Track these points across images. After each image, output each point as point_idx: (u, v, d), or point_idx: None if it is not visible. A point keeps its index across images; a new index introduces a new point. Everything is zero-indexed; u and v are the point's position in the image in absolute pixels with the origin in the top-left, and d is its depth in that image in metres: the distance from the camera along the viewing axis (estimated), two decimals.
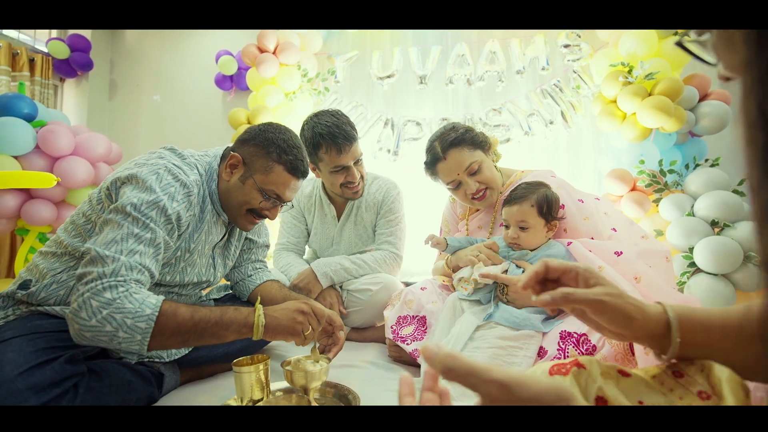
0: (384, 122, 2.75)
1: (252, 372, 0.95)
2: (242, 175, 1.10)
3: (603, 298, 0.55)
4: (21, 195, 2.22)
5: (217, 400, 1.06)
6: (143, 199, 0.92)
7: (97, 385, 0.88)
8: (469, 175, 1.37)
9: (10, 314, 0.96)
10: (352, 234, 1.74)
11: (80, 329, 0.81)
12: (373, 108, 2.83)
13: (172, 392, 1.11)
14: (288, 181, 1.11)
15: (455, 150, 1.37)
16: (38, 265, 1.01)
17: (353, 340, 1.53)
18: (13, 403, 0.74)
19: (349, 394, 1.02)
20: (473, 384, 0.36)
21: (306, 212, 1.81)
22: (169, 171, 0.99)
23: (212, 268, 1.20)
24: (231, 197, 1.11)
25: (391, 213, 1.70)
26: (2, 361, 0.79)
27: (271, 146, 1.09)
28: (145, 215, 0.91)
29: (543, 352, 1.05)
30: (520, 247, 1.21)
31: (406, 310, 1.36)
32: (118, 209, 0.91)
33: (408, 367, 1.28)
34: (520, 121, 2.60)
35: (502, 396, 0.35)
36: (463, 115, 2.71)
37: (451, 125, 1.44)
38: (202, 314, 0.89)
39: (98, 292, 0.82)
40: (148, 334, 0.83)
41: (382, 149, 2.71)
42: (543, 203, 1.19)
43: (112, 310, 0.81)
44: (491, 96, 2.73)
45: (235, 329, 0.93)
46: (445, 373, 0.38)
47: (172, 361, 1.12)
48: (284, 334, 0.97)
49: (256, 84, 2.69)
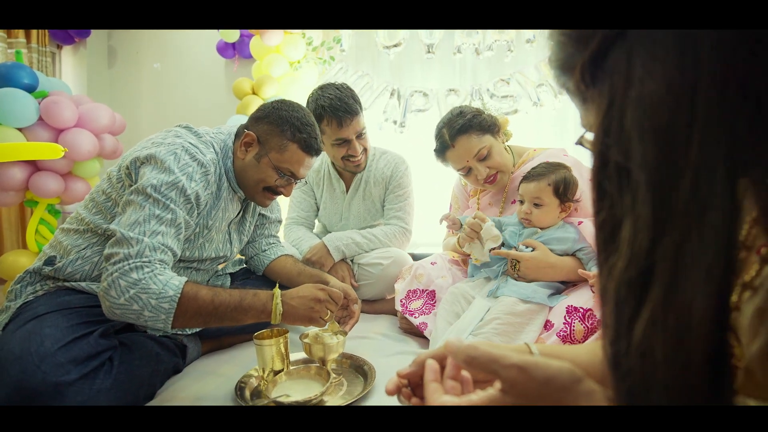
0: (390, 93, 2.70)
1: (273, 344, 1.00)
2: (257, 153, 1.12)
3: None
4: (28, 167, 2.21)
5: (239, 369, 1.11)
6: (163, 180, 0.94)
7: (129, 357, 0.92)
8: (478, 161, 1.36)
9: (38, 289, 0.99)
10: (361, 208, 1.76)
11: (111, 306, 0.86)
12: (379, 78, 2.77)
13: (195, 362, 1.17)
14: (302, 159, 1.13)
15: (464, 137, 1.35)
16: (62, 242, 1.04)
17: (364, 312, 1.58)
18: (57, 375, 0.78)
19: (364, 365, 1.08)
20: (494, 370, 0.39)
21: (315, 186, 1.82)
22: (187, 150, 1.01)
23: (228, 244, 1.23)
24: (247, 175, 1.13)
25: (399, 188, 1.71)
26: (42, 336, 0.83)
27: (285, 124, 1.11)
28: (165, 196, 0.94)
29: (549, 325, 1.09)
30: (531, 223, 1.23)
31: (416, 284, 1.40)
32: (139, 190, 0.93)
33: (418, 339, 1.34)
34: (528, 92, 2.56)
35: (521, 378, 0.38)
36: (470, 86, 2.66)
37: (459, 110, 1.41)
38: (222, 299, 0.94)
39: (125, 272, 0.86)
40: (171, 314, 0.88)
41: (388, 120, 2.68)
42: (560, 184, 1.20)
43: (138, 290, 0.86)
44: (500, 66, 2.67)
45: (253, 315, 0.98)
46: (468, 362, 0.41)
47: (193, 333, 1.17)
48: (302, 321, 1.02)
49: (260, 52, 2.63)
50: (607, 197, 0.33)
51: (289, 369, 1.02)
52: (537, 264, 1.16)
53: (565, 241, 1.19)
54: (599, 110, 0.33)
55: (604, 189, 0.33)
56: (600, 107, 0.33)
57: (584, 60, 0.34)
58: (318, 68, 2.71)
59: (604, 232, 0.33)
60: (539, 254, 1.17)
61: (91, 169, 2.38)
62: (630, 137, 0.30)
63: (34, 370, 0.78)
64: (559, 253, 1.19)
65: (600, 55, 0.33)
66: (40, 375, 0.78)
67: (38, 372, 0.78)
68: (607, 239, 0.33)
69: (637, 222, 0.30)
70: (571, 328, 1.04)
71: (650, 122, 0.29)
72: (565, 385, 0.37)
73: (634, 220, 0.30)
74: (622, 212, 0.31)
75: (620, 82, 0.31)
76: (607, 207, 0.33)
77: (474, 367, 0.41)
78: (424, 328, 1.29)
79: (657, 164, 0.29)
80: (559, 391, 0.37)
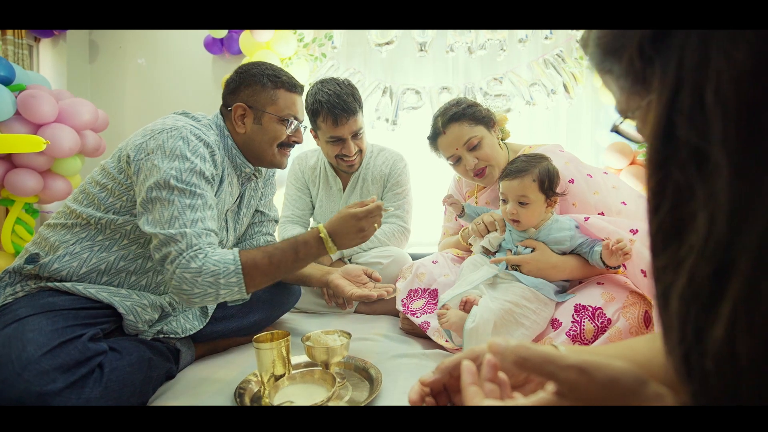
0: (382, 90, 2.67)
1: (273, 348, 0.95)
2: (255, 117, 1.12)
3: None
4: (3, 164, 2.11)
5: (236, 374, 1.05)
6: (181, 168, 0.94)
7: (120, 363, 0.86)
8: (468, 150, 1.34)
9: (18, 290, 0.93)
10: None
11: (189, 299, 0.91)
12: (371, 75, 2.74)
13: (189, 367, 1.11)
14: (295, 99, 1.16)
15: (455, 124, 1.34)
16: (48, 237, 0.98)
17: (363, 313, 1.54)
18: (41, 384, 0.72)
19: (370, 368, 1.03)
20: (550, 372, 0.35)
21: (310, 184, 1.77)
22: (193, 133, 1.00)
23: (225, 231, 1.21)
24: (255, 143, 1.14)
25: (398, 186, 1.68)
26: (24, 341, 0.76)
27: (262, 78, 1.12)
28: (189, 183, 0.94)
29: (557, 323, 1.07)
30: (520, 224, 1.18)
31: (418, 283, 1.37)
32: (161, 185, 0.92)
33: (420, 340, 1.30)
34: (521, 91, 2.55)
35: (581, 380, 0.34)
36: (463, 84, 2.65)
37: (456, 100, 1.41)
38: (279, 258, 0.98)
39: (185, 266, 0.89)
40: (243, 284, 0.93)
41: (380, 118, 2.65)
42: (545, 178, 1.14)
43: (205, 276, 0.90)
44: (492, 65, 2.66)
45: (311, 260, 1.04)
46: (519, 363, 0.37)
47: (187, 336, 1.11)
48: (357, 242, 1.05)
49: (249, 48, 2.56)
50: (672, 187, 0.29)
51: (292, 373, 0.97)
52: (538, 266, 1.13)
53: (562, 241, 1.16)
54: (664, 89, 0.30)
55: (669, 178, 0.30)
56: (665, 86, 0.30)
57: (642, 36, 0.32)
58: (309, 65, 2.65)
59: (666, 227, 0.30)
60: (539, 255, 1.14)
61: (71, 167, 2.27)
62: (710, 116, 0.27)
63: (15, 378, 0.72)
64: (560, 252, 1.17)
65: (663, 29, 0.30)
66: (22, 384, 0.72)
67: (20, 381, 0.72)
68: (670, 234, 0.30)
69: (715, 211, 0.27)
70: (581, 327, 1.02)
71: (736, 97, 0.26)
72: (630, 388, 0.33)
73: (711, 210, 0.27)
74: (694, 202, 0.28)
75: (694, 55, 0.28)
76: (672, 198, 0.30)
77: (525, 369, 0.37)
78: (426, 327, 1.26)
79: (742, 144, 0.26)
80: (623, 395, 0.33)
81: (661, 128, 0.30)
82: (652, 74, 0.32)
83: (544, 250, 1.15)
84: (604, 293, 1.07)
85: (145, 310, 0.99)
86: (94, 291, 0.93)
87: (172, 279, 0.89)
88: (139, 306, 0.98)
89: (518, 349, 0.37)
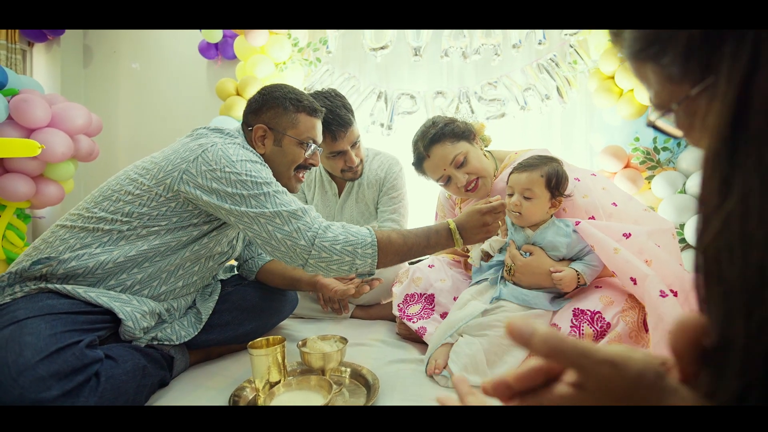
0: (377, 95, 2.68)
1: (269, 354, 0.94)
2: (275, 139, 1.15)
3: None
4: None
5: (230, 382, 1.04)
6: (240, 172, 0.99)
7: (115, 372, 0.84)
8: (456, 168, 1.33)
9: (17, 291, 0.91)
10: (354, 211, 1.72)
11: (328, 266, 0.97)
12: (366, 80, 2.74)
13: (183, 374, 1.09)
14: (315, 123, 1.19)
15: (437, 146, 1.33)
16: (66, 239, 0.98)
17: (359, 318, 1.53)
18: (36, 391, 0.70)
19: (368, 374, 1.03)
20: (584, 365, 0.32)
21: (306, 189, 1.76)
22: (231, 144, 1.05)
23: (235, 240, 1.22)
24: (275, 164, 1.15)
25: (393, 190, 1.67)
26: (21, 345, 0.74)
27: (284, 102, 1.15)
28: (254, 180, 1.00)
29: (556, 329, 1.07)
30: (521, 216, 1.18)
31: (414, 288, 1.36)
32: (238, 196, 0.98)
33: (417, 345, 1.29)
34: (515, 96, 2.57)
35: (613, 375, 0.32)
36: (458, 89, 2.66)
37: (431, 121, 1.40)
38: (412, 242, 1.03)
39: (321, 235, 0.96)
40: (376, 257, 0.98)
41: (375, 123, 2.65)
42: (553, 176, 1.17)
43: (343, 244, 0.96)
44: (487, 70, 2.68)
45: (439, 249, 1.08)
46: (549, 354, 0.33)
47: (181, 343, 1.09)
48: (482, 238, 1.08)
49: (244, 53, 2.56)
50: (740, 184, 0.27)
51: (287, 380, 0.96)
52: (532, 270, 1.13)
53: (558, 247, 1.15)
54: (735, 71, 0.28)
55: (738, 172, 0.27)
56: (737, 67, 0.28)
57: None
58: (304, 70, 2.66)
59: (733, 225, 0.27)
60: (534, 260, 1.14)
61: (65, 172, 2.25)
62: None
63: (10, 384, 0.70)
64: (557, 259, 1.16)
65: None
66: (17, 390, 0.70)
67: (15, 387, 0.70)
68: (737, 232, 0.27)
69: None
70: (579, 332, 1.01)
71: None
72: (651, 381, 0.31)
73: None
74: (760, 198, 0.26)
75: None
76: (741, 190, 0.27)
77: (557, 360, 0.33)
78: (423, 332, 1.25)
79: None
80: (647, 390, 0.31)
81: (732, 107, 0.28)
82: (719, 58, 0.29)
83: (540, 255, 1.15)
84: (603, 297, 1.07)
85: (144, 317, 0.98)
86: (94, 295, 0.92)
87: (310, 249, 0.95)
88: (139, 312, 0.97)
89: (550, 339, 0.33)
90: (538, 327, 0.33)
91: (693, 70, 0.32)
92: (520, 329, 0.33)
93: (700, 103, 0.33)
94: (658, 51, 0.34)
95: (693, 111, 0.34)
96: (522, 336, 0.33)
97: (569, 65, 2.52)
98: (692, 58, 0.32)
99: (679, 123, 0.36)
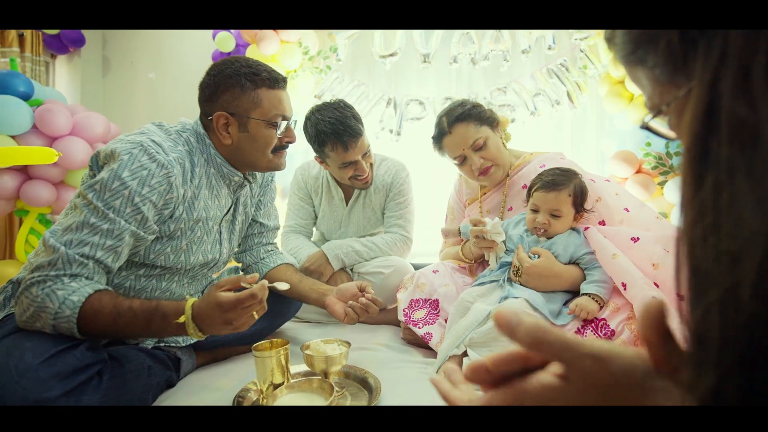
0: (386, 102, 2.70)
1: (273, 356, 0.95)
2: (239, 125, 1.03)
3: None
4: (20, 175, 2.17)
5: (236, 383, 1.06)
6: (109, 186, 0.87)
7: (119, 371, 0.87)
8: (474, 151, 1.36)
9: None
10: (361, 216, 1.73)
11: (19, 323, 0.85)
12: (375, 87, 2.77)
13: (190, 375, 1.12)
14: (279, 95, 1.05)
15: (461, 125, 1.36)
16: None
17: (365, 323, 1.55)
18: (38, 391, 0.73)
19: (369, 377, 1.04)
20: (567, 358, 0.33)
21: (313, 194, 1.79)
22: (145, 150, 0.91)
23: (218, 245, 1.15)
24: (246, 152, 1.05)
25: (400, 195, 1.69)
26: (23, 350, 0.78)
27: (239, 79, 1.00)
28: (106, 204, 0.87)
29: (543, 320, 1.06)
30: (546, 233, 1.19)
31: (419, 293, 1.37)
32: (82, 194, 0.88)
33: (422, 350, 1.30)
34: (525, 101, 2.56)
35: (596, 368, 0.32)
36: (467, 95, 2.66)
37: (460, 101, 1.43)
38: (127, 320, 0.85)
39: (28, 287, 0.83)
40: (75, 331, 0.83)
41: (385, 129, 2.67)
42: (579, 193, 1.18)
43: (36, 308, 0.82)
44: (496, 75, 2.68)
45: (165, 335, 0.97)
46: (533, 345, 0.33)
47: (188, 345, 1.12)
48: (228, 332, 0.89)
49: None
50: (712, 167, 0.27)
51: (290, 382, 0.98)
52: (540, 272, 1.13)
53: (568, 247, 1.16)
54: (707, 68, 0.29)
55: (709, 156, 0.28)
56: (709, 64, 0.29)
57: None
58: (314, 77, 2.70)
59: (705, 217, 0.28)
60: (543, 261, 1.14)
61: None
62: (757, 90, 0.26)
63: (13, 385, 0.73)
64: (564, 261, 1.16)
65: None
66: (19, 391, 0.73)
67: (18, 388, 0.73)
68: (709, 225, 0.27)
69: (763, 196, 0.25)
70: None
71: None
72: (639, 379, 0.31)
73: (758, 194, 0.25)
74: (737, 184, 0.26)
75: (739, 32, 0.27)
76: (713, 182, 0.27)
77: (542, 352, 0.34)
78: (428, 338, 1.26)
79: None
80: (632, 388, 0.31)
81: (703, 105, 0.28)
82: (695, 57, 0.30)
83: (549, 258, 1.15)
84: (609, 304, 1.06)
85: None
86: None
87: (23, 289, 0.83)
88: None
89: (535, 331, 0.33)
90: (524, 318, 0.33)
91: (679, 72, 0.33)
92: (507, 318, 0.34)
93: (687, 104, 0.33)
94: (644, 54, 0.35)
95: (682, 112, 0.34)
96: (508, 325, 0.34)
97: (579, 70, 2.51)
98: (674, 59, 0.32)
99: (671, 124, 0.37)
